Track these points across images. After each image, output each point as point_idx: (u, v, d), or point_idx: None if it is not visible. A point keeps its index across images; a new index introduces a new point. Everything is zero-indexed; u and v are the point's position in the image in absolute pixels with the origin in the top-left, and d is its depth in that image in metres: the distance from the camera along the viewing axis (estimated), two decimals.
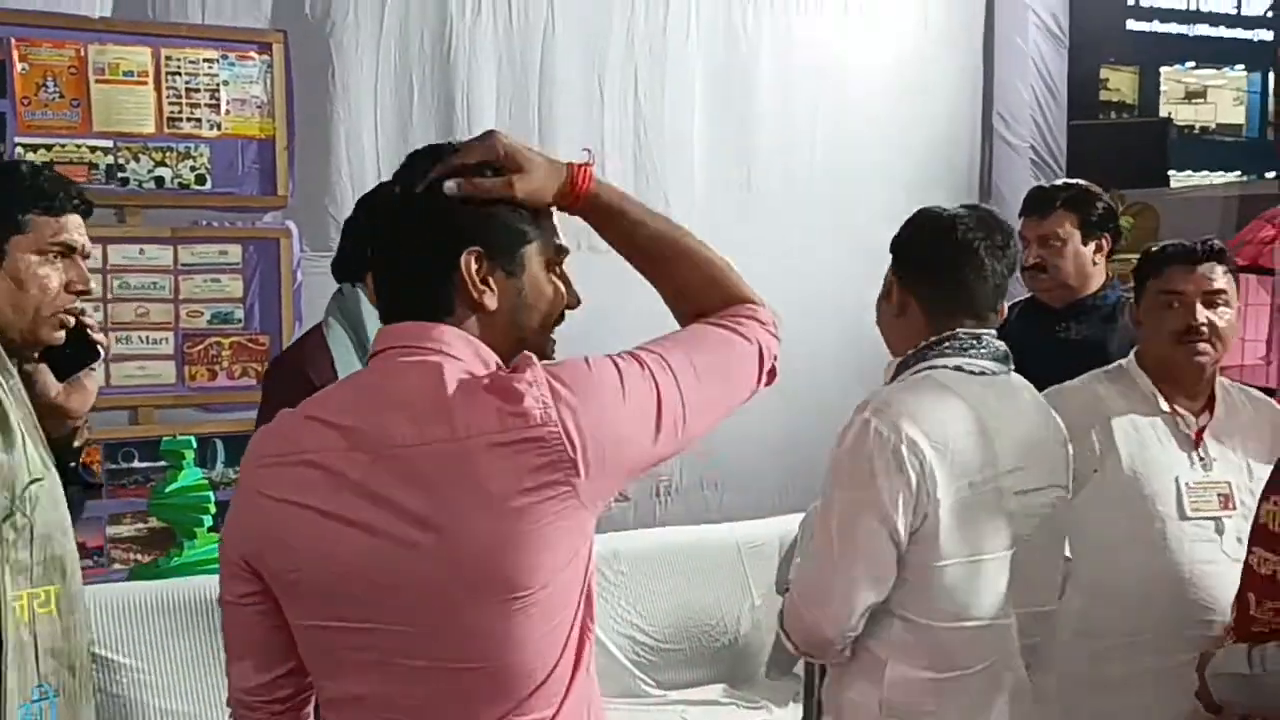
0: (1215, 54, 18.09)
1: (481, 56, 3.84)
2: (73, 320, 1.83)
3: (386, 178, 3.91)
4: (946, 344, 1.88)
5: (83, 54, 3.43)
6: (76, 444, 1.96)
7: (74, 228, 1.82)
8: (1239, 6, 17.82)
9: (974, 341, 1.89)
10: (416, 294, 1.31)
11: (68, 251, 1.80)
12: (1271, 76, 18.33)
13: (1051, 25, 4.56)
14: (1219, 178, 17.65)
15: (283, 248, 3.65)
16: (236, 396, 3.64)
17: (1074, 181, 2.91)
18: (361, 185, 3.73)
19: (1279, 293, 5.06)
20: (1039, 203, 2.84)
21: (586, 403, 1.24)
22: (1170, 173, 9.33)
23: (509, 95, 3.89)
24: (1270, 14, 15.52)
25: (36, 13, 3.37)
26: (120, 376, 3.52)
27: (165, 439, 3.36)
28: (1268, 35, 18.39)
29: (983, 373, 1.88)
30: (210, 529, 3.26)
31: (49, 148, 3.42)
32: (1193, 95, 18.21)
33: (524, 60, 3.90)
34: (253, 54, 3.61)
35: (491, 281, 1.29)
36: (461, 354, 1.28)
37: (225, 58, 3.58)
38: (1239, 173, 19.45)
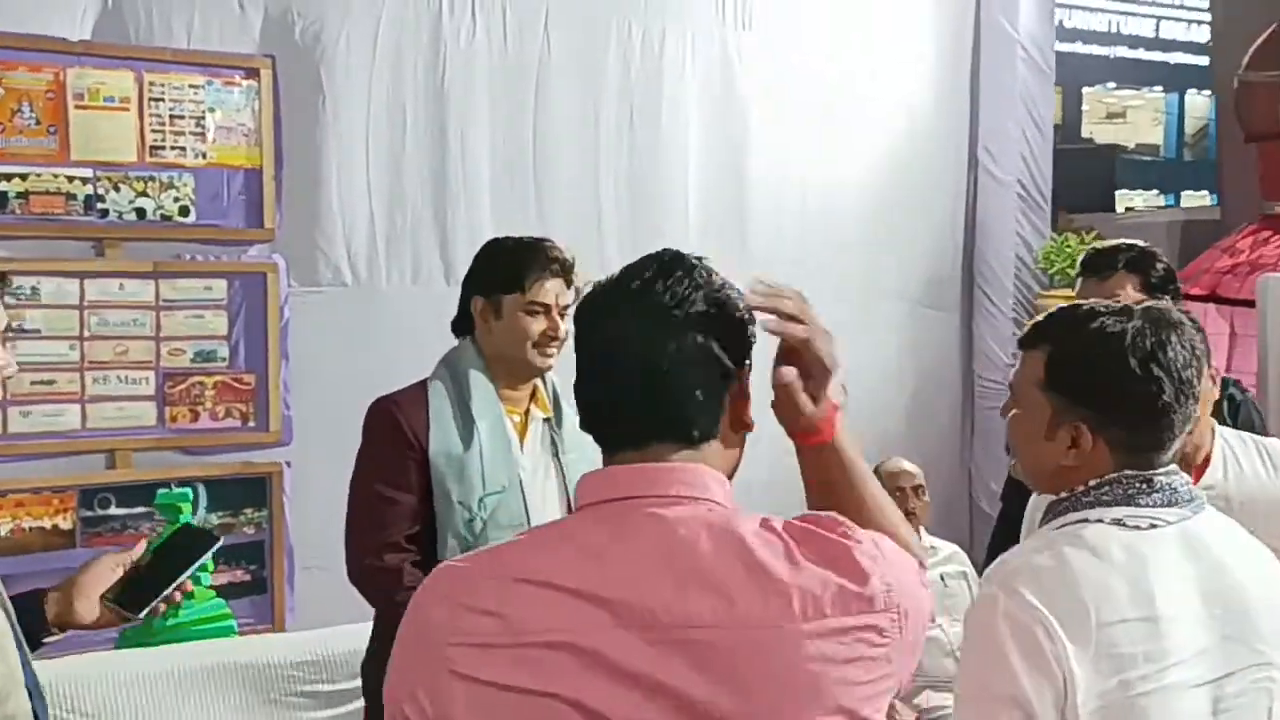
0: (1135, 75, 18.53)
1: (476, 86, 3.72)
2: None
3: (379, 210, 3.77)
4: (1106, 490, 1.50)
5: (61, 78, 3.24)
6: None
7: None
8: (1158, 29, 18.25)
9: (1143, 485, 1.50)
10: (679, 418, 1.13)
11: None
12: (1195, 98, 18.80)
13: (1038, 60, 4.57)
14: (1139, 196, 18.08)
15: (270, 283, 3.48)
16: (220, 439, 3.48)
17: (1133, 243, 2.88)
18: (353, 217, 3.59)
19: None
20: (1099, 265, 2.81)
21: (910, 584, 1.11)
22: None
23: (503, 126, 3.77)
24: (1210, 41, 15.91)
25: (12, 34, 3.18)
26: (98, 418, 3.34)
27: (161, 492, 3.17)
28: (1185, 58, 18.87)
29: (1153, 525, 1.49)
30: (209, 586, 3.09)
31: (24, 177, 3.22)
32: (1113, 115, 18.66)
33: (519, 90, 3.78)
34: (240, 80, 3.44)
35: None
36: (728, 501, 1.12)
37: (211, 83, 3.41)
38: (1156, 192, 19.99)
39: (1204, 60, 19.62)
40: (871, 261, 4.38)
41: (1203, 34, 19.76)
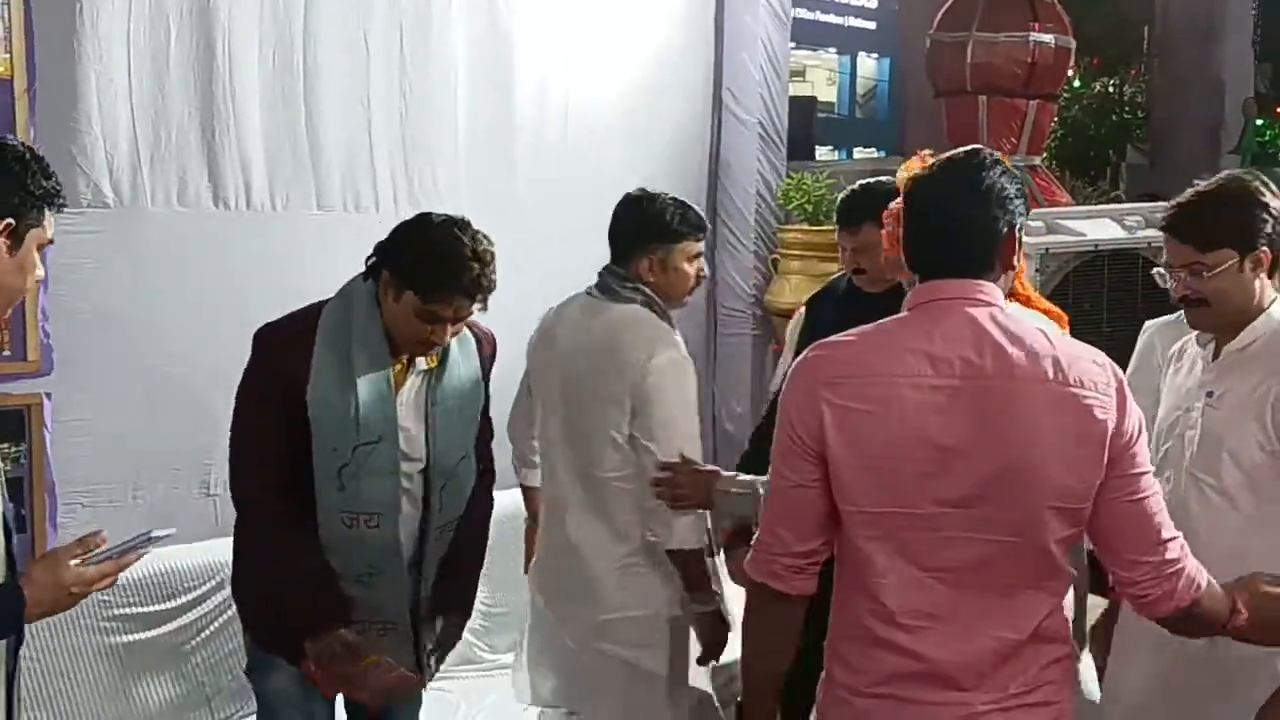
0: (811, 37, 19.53)
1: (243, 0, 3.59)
2: None
3: (142, 127, 3.58)
4: None
5: None
6: None
7: None
8: None
9: None
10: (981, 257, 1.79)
11: None
12: (865, 60, 20.10)
13: (778, 8, 4.85)
14: (817, 150, 19.19)
15: None
16: None
17: (875, 188, 3.17)
18: (114, 135, 3.40)
19: None
20: (849, 216, 3.11)
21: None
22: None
23: (272, 42, 3.65)
24: (896, 5, 17.01)
25: None
26: None
27: None
28: (857, 22, 20.03)
29: None
30: None
31: None
32: (794, 73, 19.62)
33: (288, 7, 3.67)
34: None
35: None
36: (1004, 305, 1.79)
37: None
38: (831, 148, 21.27)
39: (873, 25, 20.89)
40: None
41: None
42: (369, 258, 2.41)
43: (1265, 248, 2.27)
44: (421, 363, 2.46)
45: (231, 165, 3.58)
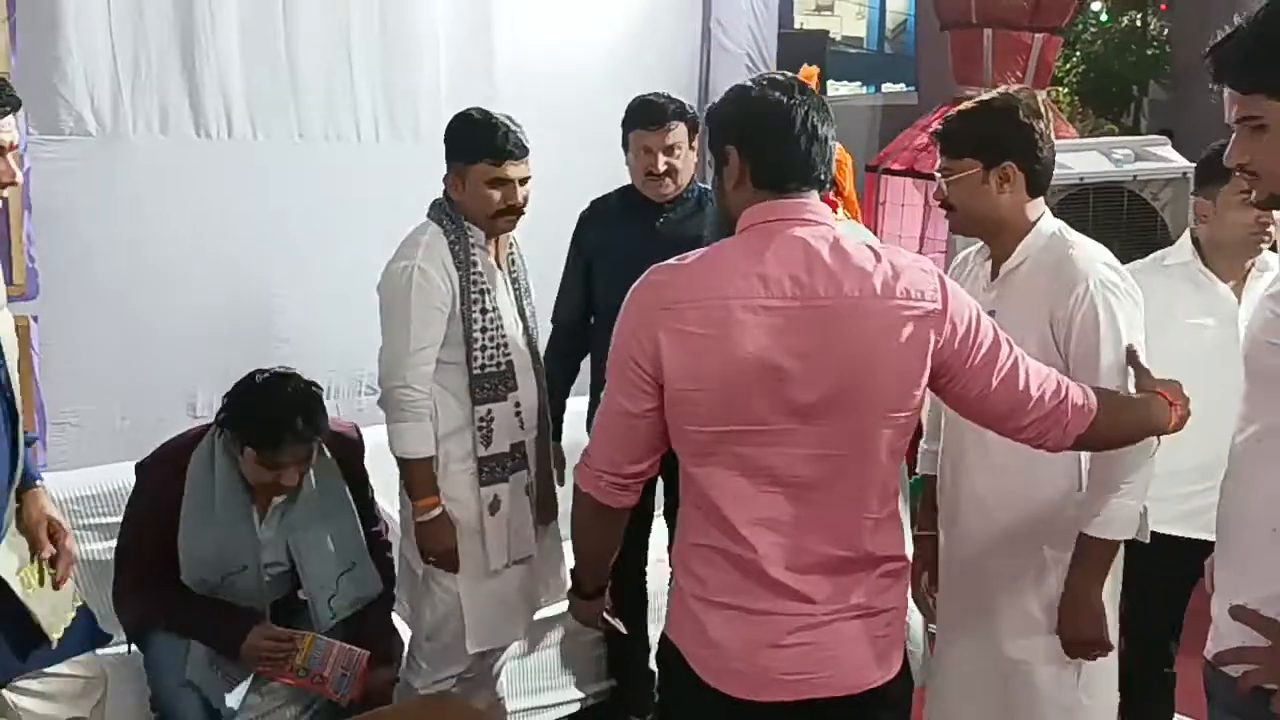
0: None
1: None
2: None
3: (122, 57, 3.62)
4: None
5: None
6: None
7: None
8: None
9: None
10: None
11: None
12: None
13: None
14: (844, 86, 18.96)
15: None
16: None
17: (666, 95, 3.29)
18: (95, 63, 3.47)
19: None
20: (655, 117, 3.21)
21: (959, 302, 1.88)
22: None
23: None
24: None
25: None
26: None
27: None
28: None
29: None
30: None
31: None
32: (821, 7, 19.34)
33: None
34: None
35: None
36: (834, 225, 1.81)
37: None
38: (859, 83, 21.04)
39: None
40: (614, 127, 4.58)
41: None
42: (219, 412, 2.69)
43: (1011, 163, 2.28)
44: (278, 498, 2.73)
45: (212, 94, 3.65)
